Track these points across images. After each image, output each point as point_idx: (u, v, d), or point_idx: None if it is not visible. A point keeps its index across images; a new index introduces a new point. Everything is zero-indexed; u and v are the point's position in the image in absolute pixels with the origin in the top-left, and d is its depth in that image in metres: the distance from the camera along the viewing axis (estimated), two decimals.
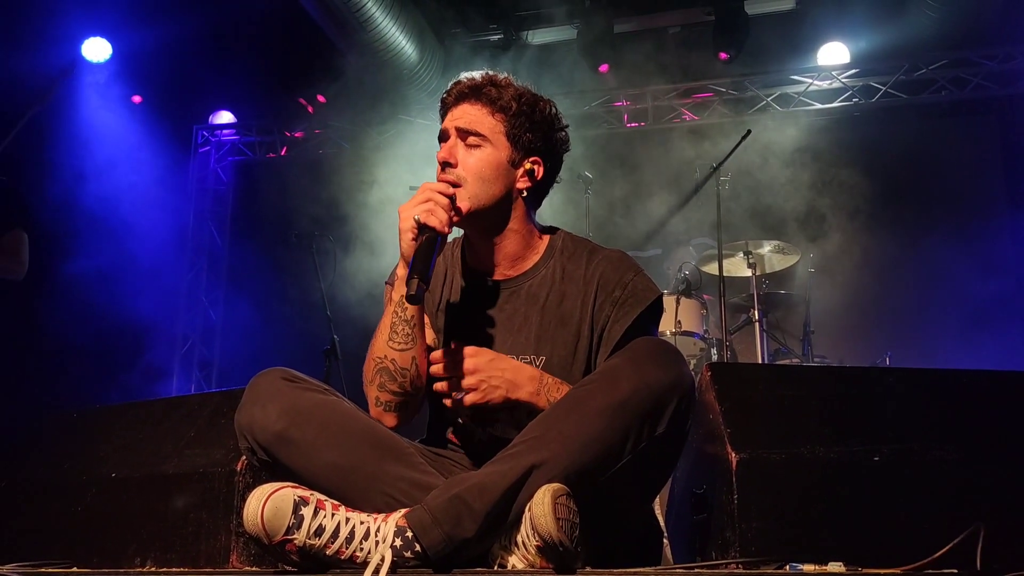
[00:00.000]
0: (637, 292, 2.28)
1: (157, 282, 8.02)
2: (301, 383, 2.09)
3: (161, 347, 8.13)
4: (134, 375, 7.40)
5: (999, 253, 7.08)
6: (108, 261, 7.10)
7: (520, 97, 2.33)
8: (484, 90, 2.31)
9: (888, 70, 7.70)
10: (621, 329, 2.24)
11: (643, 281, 2.31)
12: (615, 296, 2.28)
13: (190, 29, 7.34)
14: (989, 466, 1.97)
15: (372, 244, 7.43)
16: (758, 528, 1.92)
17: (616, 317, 2.26)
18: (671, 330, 5.69)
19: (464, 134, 2.28)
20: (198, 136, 8.91)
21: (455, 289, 2.42)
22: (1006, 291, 6.98)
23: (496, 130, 2.30)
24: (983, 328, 6.86)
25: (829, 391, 2.24)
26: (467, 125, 2.28)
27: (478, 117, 2.29)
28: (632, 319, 2.24)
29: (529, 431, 1.92)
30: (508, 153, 2.31)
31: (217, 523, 2.36)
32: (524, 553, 1.77)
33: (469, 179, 2.23)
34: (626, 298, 2.27)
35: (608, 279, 2.31)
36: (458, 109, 2.32)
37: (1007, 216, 7.15)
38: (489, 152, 2.28)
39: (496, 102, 2.31)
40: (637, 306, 2.26)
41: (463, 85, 2.34)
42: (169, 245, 8.41)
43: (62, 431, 3.08)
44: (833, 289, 7.11)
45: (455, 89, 2.35)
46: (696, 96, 8.17)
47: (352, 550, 1.76)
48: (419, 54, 7.79)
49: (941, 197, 7.43)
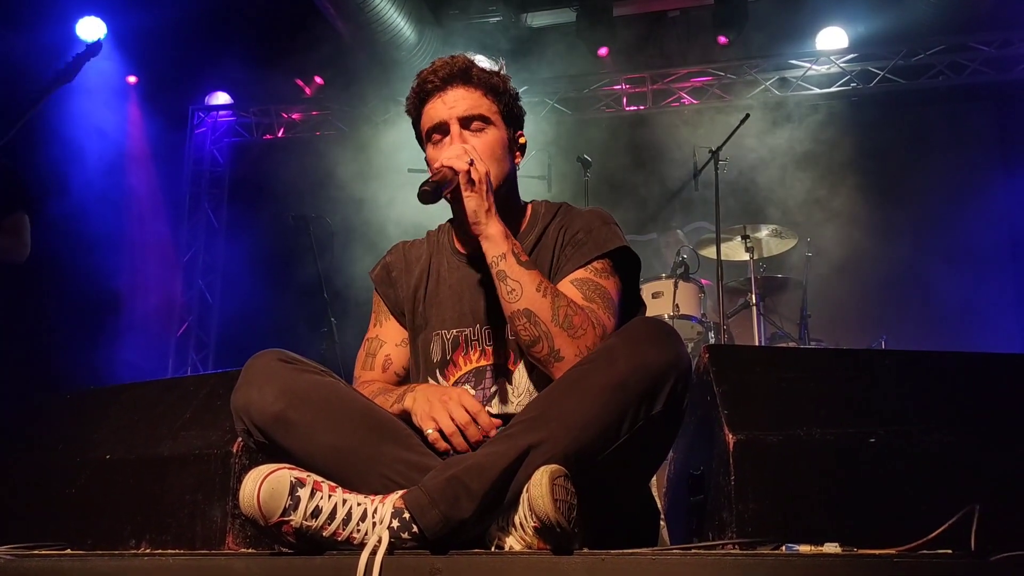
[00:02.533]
0: (599, 239, 2.26)
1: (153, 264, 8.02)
2: (298, 364, 2.09)
3: (157, 329, 8.13)
4: (130, 356, 7.38)
5: (994, 238, 7.09)
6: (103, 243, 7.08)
7: (500, 75, 2.34)
8: (472, 72, 2.30)
9: (886, 55, 7.71)
10: (572, 267, 2.22)
11: (609, 231, 2.29)
12: (577, 239, 2.28)
13: (186, 9, 7.29)
14: (984, 447, 1.98)
15: (369, 226, 7.42)
16: (755, 509, 1.93)
17: (570, 255, 2.26)
18: (669, 313, 5.69)
19: (468, 120, 2.27)
20: (194, 117, 8.88)
21: (433, 274, 2.42)
22: (1002, 275, 7.00)
23: (493, 111, 2.31)
24: (978, 312, 6.88)
25: (826, 374, 2.24)
26: (470, 111, 2.27)
27: (476, 101, 2.28)
28: (586, 260, 2.22)
29: (527, 411, 1.92)
30: (506, 131, 2.33)
31: (213, 505, 2.36)
32: (521, 534, 1.77)
33: (485, 161, 2.19)
34: (586, 241, 2.26)
35: (575, 226, 2.31)
36: (449, 94, 2.28)
37: (1002, 201, 7.15)
38: (493, 133, 2.29)
39: (487, 83, 2.31)
40: (595, 249, 2.24)
41: (448, 69, 2.29)
42: (165, 227, 8.39)
43: (56, 413, 3.08)
44: (830, 273, 7.12)
45: (438, 74, 2.29)
46: (695, 80, 8.16)
47: (349, 531, 1.76)
48: (417, 36, 7.76)
49: (938, 182, 7.43)
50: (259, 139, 8.93)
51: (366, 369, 2.44)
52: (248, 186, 8.87)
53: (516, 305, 2.07)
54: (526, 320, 2.05)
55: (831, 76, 7.90)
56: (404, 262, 2.50)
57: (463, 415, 2.01)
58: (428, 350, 2.34)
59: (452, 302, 2.35)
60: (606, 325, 2.11)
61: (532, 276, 2.08)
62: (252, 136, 8.95)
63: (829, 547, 1.70)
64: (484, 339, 2.28)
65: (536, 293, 2.06)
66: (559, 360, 2.03)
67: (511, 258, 2.09)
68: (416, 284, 2.43)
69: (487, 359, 2.27)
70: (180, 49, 7.81)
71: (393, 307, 2.47)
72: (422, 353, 2.36)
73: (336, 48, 7.81)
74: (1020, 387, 2.17)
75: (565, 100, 8.28)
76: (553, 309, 2.05)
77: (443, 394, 2.07)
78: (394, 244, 2.58)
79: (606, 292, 2.18)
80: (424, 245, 2.51)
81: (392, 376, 2.43)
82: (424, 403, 2.06)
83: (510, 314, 2.08)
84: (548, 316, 2.04)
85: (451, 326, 2.32)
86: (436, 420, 2.02)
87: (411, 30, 7.63)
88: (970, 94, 7.75)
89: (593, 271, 2.21)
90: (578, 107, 8.31)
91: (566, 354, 2.03)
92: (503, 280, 2.09)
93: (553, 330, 2.03)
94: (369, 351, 2.46)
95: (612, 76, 8.31)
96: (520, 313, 2.06)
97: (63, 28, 7.50)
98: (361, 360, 2.47)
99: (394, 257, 2.53)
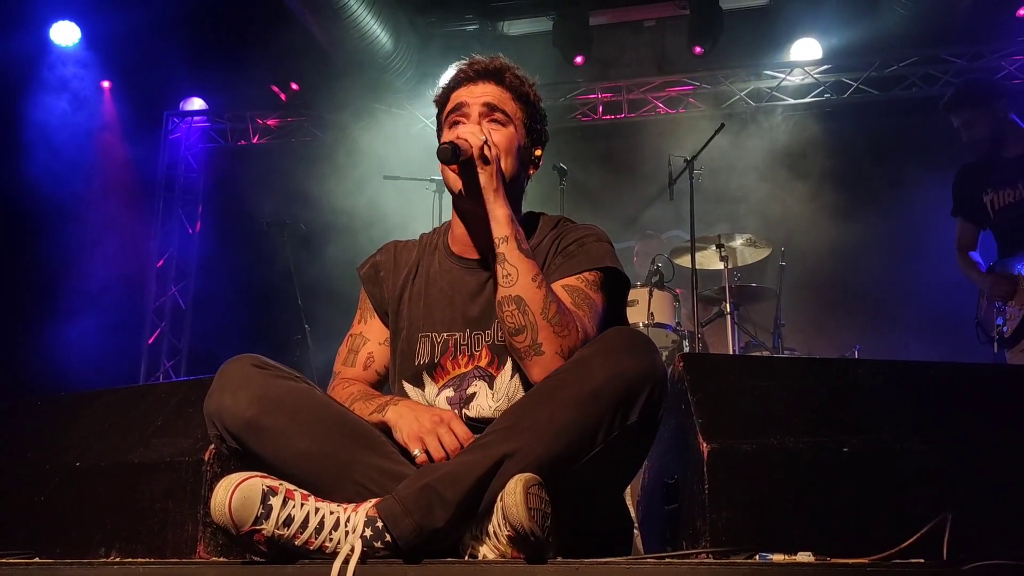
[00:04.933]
0: (593, 253, 2.26)
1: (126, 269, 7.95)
2: (272, 370, 2.08)
3: (129, 335, 8.06)
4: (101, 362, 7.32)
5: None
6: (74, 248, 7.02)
7: (534, 88, 2.39)
8: (506, 75, 2.34)
9: (860, 66, 7.80)
10: (562, 275, 2.22)
11: (603, 249, 2.29)
12: (570, 250, 2.28)
13: (161, 14, 7.26)
14: (956, 457, 1.99)
15: (344, 233, 7.39)
16: (729, 518, 1.93)
17: (560, 264, 2.26)
18: (644, 322, 5.70)
19: (492, 109, 2.29)
20: (168, 123, 8.83)
21: (421, 275, 2.41)
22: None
23: (517, 115, 2.34)
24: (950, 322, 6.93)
25: (800, 383, 2.25)
26: (496, 102, 2.30)
27: (503, 98, 2.32)
28: (577, 270, 2.22)
29: (501, 420, 1.92)
30: (523, 139, 2.35)
31: (184, 513, 2.33)
32: (495, 543, 1.76)
33: (499, 151, 2.22)
34: (578, 253, 2.27)
35: (569, 237, 2.32)
36: (479, 87, 2.32)
37: None
38: (513, 132, 2.31)
39: (517, 89, 2.35)
40: (587, 262, 2.24)
41: (484, 64, 2.35)
42: (138, 232, 8.33)
43: (25, 418, 3.03)
44: (804, 282, 7.16)
45: (474, 67, 2.34)
46: (670, 89, 8.21)
47: (321, 540, 1.74)
48: (394, 43, 7.75)
49: (910, 192, 7.48)
50: (234, 145, 8.88)
51: (347, 366, 2.42)
52: (222, 192, 8.83)
53: (509, 290, 2.07)
54: (515, 307, 2.05)
55: (805, 87, 7.98)
56: (393, 263, 2.49)
57: (453, 442, 2.00)
58: (412, 351, 2.32)
59: (442, 305, 2.34)
60: (589, 333, 2.11)
61: (529, 265, 2.09)
62: (227, 142, 8.90)
63: (802, 556, 1.71)
64: (473, 344, 2.27)
65: (531, 283, 2.06)
66: (539, 354, 2.02)
67: (512, 243, 2.10)
68: (402, 285, 2.42)
69: (474, 363, 2.26)
70: (155, 54, 7.78)
71: (378, 306, 2.46)
72: (405, 354, 2.34)
73: (312, 55, 7.79)
74: (992, 396, 2.18)
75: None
76: (544, 302, 2.05)
77: (433, 417, 2.05)
78: (386, 243, 2.57)
79: (594, 303, 2.19)
80: (415, 247, 2.51)
81: (373, 375, 2.41)
82: (413, 422, 2.05)
83: (501, 298, 2.08)
84: (538, 308, 2.04)
85: (441, 329, 2.31)
86: (424, 443, 2.00)
87: (387, 38, 7.62)
88: None
89: (584, 281, 2.21)
90: (554, 115, 8.31)
91: (547, 349, 2.02)
92: (501, 263, 2.09)
93: (540, 322, 2.03)
94: (352, 347, 2.45)
95: (588, 85, 8.34)
96: (511, 299, 2.06)
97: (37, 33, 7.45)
98: (342, 356, 2.45)
99: (384, 256, 2.51)
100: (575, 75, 8.33)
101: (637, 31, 8.64)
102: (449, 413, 2.10)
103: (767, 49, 8.10)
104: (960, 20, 7.23)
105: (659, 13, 8.48)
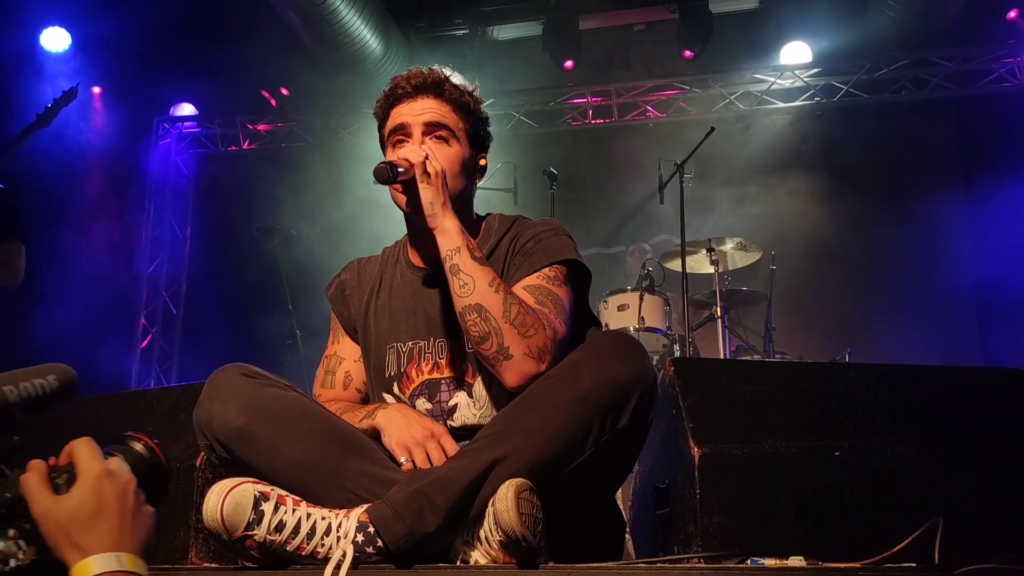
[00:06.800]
0: (550, 248, 2.23)
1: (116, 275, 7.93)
2: (261, 379, 2.07)
3: (120, 341, 8.03)
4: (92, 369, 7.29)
5: (956, 251, 7.18)
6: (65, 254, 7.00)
7: (472, 95, 2.33)
8: (445, 87, 2.28)
9: (850, 70, 7.82)
10: (522, 275, 2.19)
11: (561, 242, 2.25)
12: (527, 248, 2.26)
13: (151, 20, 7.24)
14: (947, 461, 1.99)
15: (335, 238, 7.38)
16: (720, 522, 1.93)
17: (519, 263, 2.24)
18: (634, 326, 5.71)
19: (433, 127, 2.24)
20: (159, 128, 8.81)
21: (385, 288, 2.40)
22: (963, 288, 7.09)
23: (459, 127, 2.29)
24: (940, 324, 6.96)
25: (791, 387, 2.25)
26: (438, 118, 2.25)
27: (444, 113, 2.26)
28: (535, 267, 2.19)
29: (492, 425, 1.92)
30: (468, 150, 2.30)
31: (176, 519, 2.32)
32: (487, 548, 1.76)
33: (443, 168, 2.17)
34: (535, 250, 2.24)
35: (525, 235, 2.29)
36: (418, 103, 2.27)
37: (964, 215, 7.25)
38: (456, 148, 2.26)
39: (457, 100, 2.29)
40: (545, 258, 2.21)
41: (421, 78, 2.28)
42: (129, 238, 8.31)
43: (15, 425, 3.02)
44: (794, 286, 7.18)
45: (412, 81, 2.28)
46: (660, 93, 8.22)
47: (313, 546, 1.74)
48: (384, 48, 7.75)
49: (901, 196, 7.52)
50: (224, 150, 8.87)
51: (325, 388, 2.41)
52: (213, 197, 8.81)
53: (468, 300, 2.04)
54: (476, 315, 2.02)
55: (795, 90, 8.00)
56: (358, 280, 2.46)
57: (441, 458, 1.98)
58: (382, 363, 2.31)
59: (406, 315, 2.32)
60: (557, 329, 2.08)
61: (485, 272, 2.06)
62: (217, 147, 8.89)
63: (794, 560, 1.71)
64: (438, 351, 2.25)
65: (488, 288, 2.03)
66: (508, 358, 1.99)
67: (465, 252, 2.07)
68: (367, 300, 2.40)
69: (440, 372, 2.24)
70: (145, 60, 7.76)
71: (347, 325, 2.44)
72: (378, 368, 2.32)
73: (302, 60, 7.79)
74: (983, 400, 2.19)
75: (531, 113, 8.30)
76: (505, 306, 2.02)
77: (425, 430, 2.04)
78: (350, 261, 2.55)
79: (558, 299, 2.15)
80: (378, 262, 2.49)
81: (354, 393, 2.39)
82: (403, 429, 2.04)
83: (461, 309, 2.05)
84: (499, 312, 2.01)
85: (406, 338, 2.29)
86: (412, 453, 1.99)
87: (377, 43, 7.62)
88: (932, 108, 7.87)
89: (544, 278, 2.18)
90: (544, 120, 8.34)
91: (515, 352, 1.99)
92: (456, 274, 2.06)
93: (503, 327, 2.00)
94: (328, 368, 2.43)
95: (578, 89, 8.35)
96: (471, 308, 2.03)
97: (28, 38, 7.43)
98: (320, 378, 2.44)
99: (348, 275, 2.50)
100: (565, 79, 8.34)
101: (627, 35, 8.66)
102: (441, 428, 2.08)
103: (757, 53, 8.11)
104: (950, 23, 7.26)
105: (649, 17, 8.50)
